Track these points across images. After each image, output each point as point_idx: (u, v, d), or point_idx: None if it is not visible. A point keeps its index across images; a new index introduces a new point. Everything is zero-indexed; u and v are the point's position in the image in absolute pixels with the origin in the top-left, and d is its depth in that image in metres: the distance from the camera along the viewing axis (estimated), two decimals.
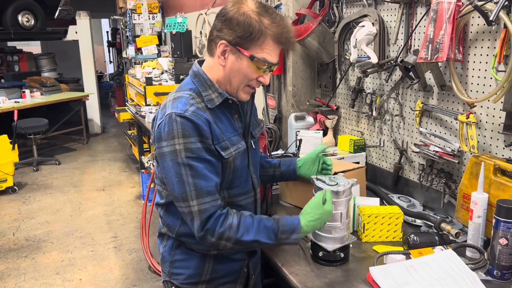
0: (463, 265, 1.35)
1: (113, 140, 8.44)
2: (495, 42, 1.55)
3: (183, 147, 1.26)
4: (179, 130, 1.26)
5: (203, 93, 1.35)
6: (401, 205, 1.82)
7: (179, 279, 1.49)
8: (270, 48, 1.30)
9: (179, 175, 1.27)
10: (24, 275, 3.58)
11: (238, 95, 1.37)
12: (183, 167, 1.26)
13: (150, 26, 6.43)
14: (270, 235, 1.31)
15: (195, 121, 1.26)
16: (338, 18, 2.35)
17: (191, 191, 1.27)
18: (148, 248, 3.63)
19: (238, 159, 1.38)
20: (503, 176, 1.47)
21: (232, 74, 1.33)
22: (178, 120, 1.26)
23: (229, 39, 1.29)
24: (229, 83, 1.35)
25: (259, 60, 1.29)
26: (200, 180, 1.27)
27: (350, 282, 1.37)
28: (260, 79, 1.35)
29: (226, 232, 1.28)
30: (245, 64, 1.30)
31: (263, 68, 1.32)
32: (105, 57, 13.87)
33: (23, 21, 7.95)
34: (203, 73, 1.37)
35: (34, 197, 5.39)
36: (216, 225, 1.28)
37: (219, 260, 1.46)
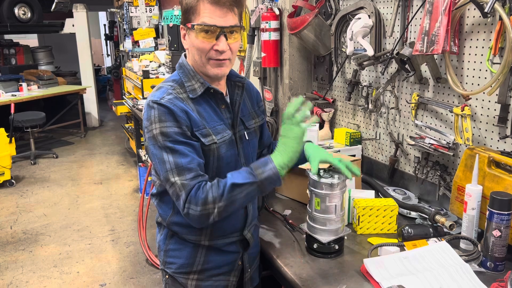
0: (457, 256, 1.36)
1: (111, 134, 8.44)
2: (490, 34, 1.55)
3: (159, 131, 1.28)
4: (156, 116, 1.29)
5: (186, 83, 1.37)
6: (396, 198, 1.82)
7: (172, 268, 1.50)
8: (208, 11, 1.27)
9: (160, 157, 1.29)
10: (21, 268, 3.59)
11: (207, 71, 1.36)
12: (163, 149, 1.28)
13: (147, 19, 6.40)
14: (246, 175, 1.27)
15: (170, 107, 1.29)
16: (335, 10, 2.34)
17: (172, 169, 1.27)
18: (145, 241, 3.64)
19: (223, 148, 1.38)
20: (497, 169, 1.47)
21: (192, 52, 1.36)
22: (155, 106, 1.29)
23: (181, 21, 1.36)
24: (196, 63, 1.37)
25: (198, 25, 1.29)
26: (180, 158, 1.27)
27: (345, 273, 1.37)
28: (215, 47, 1.31)
29: (208, 195, 1.24)
30: (193, 36, 1.32)
31: (211, 34, 1.29)
32: (103, 50, 13.81)
33: (20, 14, 7.90)
34: (187, 64, 1.40)
35: (32, 191, 5.39)
36: (197, 193, 1.25)
37: (211, 251, 1.47)
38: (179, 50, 5.00)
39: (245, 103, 1.52)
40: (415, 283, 1.24)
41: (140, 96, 4.96)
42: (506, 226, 1.31)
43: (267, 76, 2.85)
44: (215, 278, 1.49)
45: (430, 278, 1.26)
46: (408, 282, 1.24)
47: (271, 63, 2.66)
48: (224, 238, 1.46)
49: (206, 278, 1.49)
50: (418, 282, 1.25)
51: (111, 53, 12.40)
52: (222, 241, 1.46)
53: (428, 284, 1.24)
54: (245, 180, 1.26)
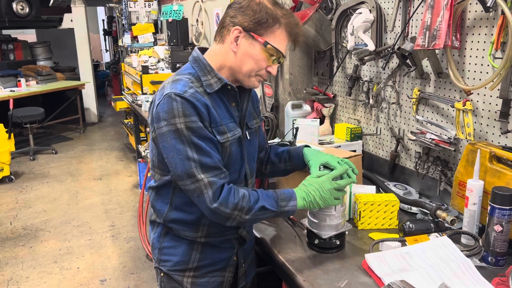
0: (458, 252, 1.36)
1: (110, 129, 8.43)
2: (492, 29, 1.54)
3: (184, 126, 1.25)
4: (180, 109, 1.25)
5: (202, 77, 1.35)
6: (397, 193, 1.82)
7: (167, 266, 1.49)
8: (281, 37, 1.32)
9: (183, 152, 1.26)
10: (21, 264, 3.59)
11: (249, 82, 1.37)
12: (187, 145, 1.26)
13: (146, 14, 6.37)
14: (272, 202, 1.33)
15: (194, 102, 1.26)
16: (335, 5, 2.33)
17: (197, 166, 1.26)
18: (145, 237, 3.64)
19: (234, 145, 1.38)
20: (499, 164, 1.47)
21: (243, 60, 1.33)
22: (178, 99, 1.26)
23: (244, 25, 1.30)
24: (239, 70, 1.35)
25: (272, 47, 1.30)
26: (204, 157, 1.27)
27: (346, 269, 1.37)
28: (268, 69, 1.35)
29: (239, 203, 1.29)
30: (257, 50, 1.31)
31: (274, 57, 1.33)
32: (101, 46, 13.78)
33: (18, 9, 7.86)
34: (203, 58, 1.37)
35: (31, 186, 5.38)
36: (229, 196, 1.29)
37: (207, 248, 1.46)
38: (178, 45, 4.99)
39: (249, 103, 1.52)
40: (417, 278, 1.24)
41: (139, 91, 4.94)
42: (508, 221, 1.31)
43: None
44: (211, 274, 1.49)
45: (432, 273, 1.26)
46: (410, 277, 1.24)
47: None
48: (220, 236, 1.46)
49: (202, 275, 1.48)
50: (420, 278, 1.25)
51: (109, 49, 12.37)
52: (218, 239, 1.46)
53: (430, 279, 1.24)
54: (271, 207, 1.33)
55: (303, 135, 2.20)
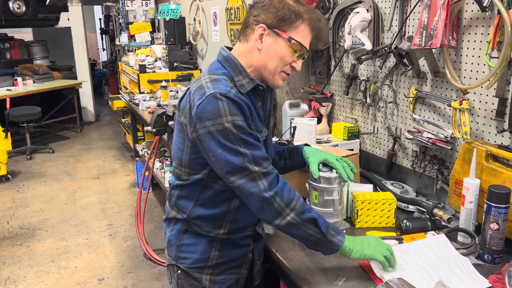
0: (454, 250, 1.37)
1: (107, 128, 8.41)
2: (488, 28, 1.55)
3: (231, 125, 1.25)
4: (226, 109, 1.25)
5: (235, 78, 1.35)
6: (394, 192, 1.83)
7: (186, 263, 1.49)
8: (305, 33, 1.33)
9: (234, 149, 1.26)
10: (19, 263, 3.59)
11: (274, 80, 1.37)
12: (236, 142, 1.26)
13: (143, 13, 6.36)
14: (323, 224, 1.30)
15: (238, 101, 1.27)
16: (333, 4, 2.34)
17: (250, 160, 1.26)
18: (143, 236, 3.64)
19: (264, 143, 1.40)
20: (495, 162, 1.48)
21: (268, 57, 1.34)
22: (223, 99, 1.25)
23: (267, 22, 1.32)
24: (265, 68, 1.35)
25: (296, 42, 1.31)
26: (255, 150, 1.27)
27: (343, 267, 1.38)
28: (293, 65, 1.35)
29: (293, 201, 1.28)
30: (282, 46, 1.32)
31: (298, 53, 1.34)
32: (98, 45, 13.73)
33: (14, 8, 7.83)
34: (234, 58, 1.37)
35: (28, 186, 5.37)
36: (284, 189, 1.28)
37: (225, 245, 1.47)
38: (176, 44, 4.98)
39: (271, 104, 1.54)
40: (415, 276, 1.25)
41: (137, 90, 4.94)
42: (504, 219, 1.32)
43: None
44: (228, 271, 1.50)
45: (430, 271, 1.27)
46: (408, 275, 1.25)
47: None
48: (240, 232, 1.48)
49: (220, 272, 1.49)
50: (419, 275, 1.26)
51: (106, 47, 12.35)
52: (238, 235, 1.48)
53: (429, 277, 1.25)
54: (320, 226, 1.29)
55: (301, 134, 2.21)
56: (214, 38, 4.50)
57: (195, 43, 4.98)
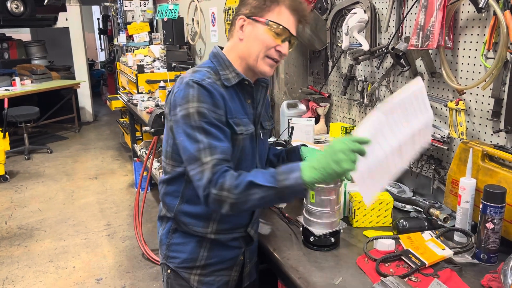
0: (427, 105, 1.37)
1: (105, 129, 8.41)
2: (484, 29, 1.57)
3: (195, 110, 1.26)
4: (195, 95, 1.27)
5: (220, 72, 1.38)
6: (391, 191, 1.84)
7: (175, 263, 1.51)
8: (285, 15, 1.34)
9: (192, 136, 1.25)
10: (17, 263, 3.59)
11: (259, 66, 1.37)
12: (196, 129, 1.25)
13: (142, 13, 6.36)
14: (267, 177, 1.20)
15: (211, 90, 1.29)
16: (330, 5, 2.35)
17: (205, 148, 1.23)
18: (141, 236, 3.65)
19: (247, 140, 1.40)
20: (491, 162, 1.49)
21: (250, 44, 1.36)
22: (195, 86, 1.28)
23: (245, 13, 1.36)
24: (249, 55, 1.37)
25: (274, 23, 1.32)
26: (213, 140, 1.25)
27: (341, 266, 1.39)
28: (278, 48, 1.35)
29: (225, 183, 1.20)
30: (261, 30, 1.34)
31: (281, 36, 1.34)
32: (96, 45, 13.72)
33: (12, 8, 7.82)
34: (222, 54, 1.41)
35: (26, 186, 5.37)
36: (219, 177, 1.21)
37: (215, 246, 1.48)
38: (174, 45, 4.99)
39: (263, 105, 1.54)
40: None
41: (135, 90, 4.94)
42: (499, 218, 1.33)
43: None
44: (218, 273, 1.50)
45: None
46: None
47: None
48: (229, 233, 1.48)
49: (209, 273, 1.50)
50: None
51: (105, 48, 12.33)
52: (227, 236, 1.47)
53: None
54: (264, 182, 1.19)
55: (299, 134, 2.22)
56: (212, 38, 4.51)
57: (194, 43, 4.98)
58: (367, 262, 1.39)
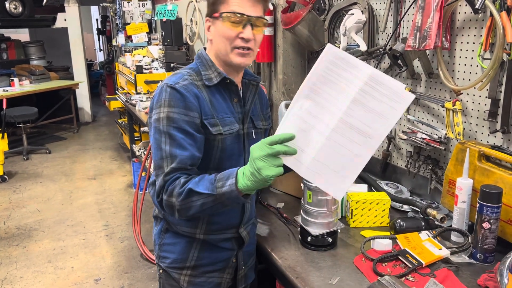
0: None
1: (104, 129, 8.40)
2: (481, 30, 1.57)
3: (165, 115, 1.29)
4: (166, 99, 1.30)
5: (202, 72, 1.40)
6: (388, 192, 1.85)
7: (165, 263, 1.51)
8: (237, 2, 1.31)
9: (158, 142, 1.30)
10: (15, 264, 3.58)
11: (231, 59, 1.37)
12: (163, 134, 1.29)
13: (140, 14, 6.36)
14: (207, 184, 1.21)
15: (183, 92, 1.30)
16: (328, 6, 2.36)
17: (167, 157, 1.28)
18: (139, 236, 3.65)
19: (228, 140, 1.39)
20: (488, 162, 1.50)
21: (216, 41, 1.38)
22: (168, 90, 1.31)
23: (207, 13, 1.39)
24: (220, 52, 1.38)
25: (227, 13, 1.32)
26: (176, 148, 1.28)
27: (338, 266, 1.40)
28: (241, 35, 1.33)
29: (175, 189, 1.24)
30: (220, 25, 1.34)
31: (239, 23, 1.32)
32: (95, 45, 13.72)
33: (11, 8, 7.81)
34: (206, 54, 1.44)
35: (25, 186, 5.37)
36: (170, 184, 1.26)
37: (205, 247, 1.47)
38: (173, 45, 4.99)
39: (256, 104, 1.54)
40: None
41: (134, 91, 4.94)
42: (496, 218, 1.34)
43: (261, 71, 2.86)
44: (209, 274, 1.50)
45: None
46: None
47: (265, 58, 2.67)
48: (219, 234, 1.47)
49: (200, 274, 1.49)
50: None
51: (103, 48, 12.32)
52: (217, 237, 1.47)
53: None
54: (203, 189, 1.21)
55: None
56: None
57: (192, 44, 4.98)
58: (364, 262, 1.39)
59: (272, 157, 1.12)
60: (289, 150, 1.13)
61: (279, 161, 1.13)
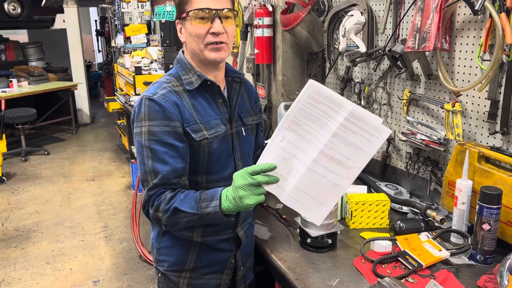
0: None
1: (103, 130, 8.40)
2: (480, 31, 1.57)
3: (147, 129, 1.30)
4: (146, 113, 1.31)
5: (182, 76, 1.39)
6: (388, 193, 1.85)
7: (164, 266, 1.50)
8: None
9: (141, 156, 1.32)
10: (14, 265, 3.58)
11: (206, 57, 1.36)
12: (145, 149, 1.31)
13: (139, 15, 6.36)
14: (192, 203, 1.26)
15: (161, 103, 1.30)
16: (327, 7, 2.36)
17: (150, 172, 1.30)
18: (138, 237, 3.64)
19: (215, 143, 1.38)
20: (487, 164, 1.50)
21: (189, 42, 1.38)
22: (147, 103, 1.31)
23: (177, 16, 1.39)
24: (194, 52, 1.38)
25: (193, 11, 1.31)
26: (158, 163, 1.30)
27: (338, 267, 1.39)
28: (211, 31, 1.33)
29: (161, 204, 1.28)
30: (188, 25, 1.34)
31: (206, 19, 1.31)
32: (94, 46, 13.71)
33: (10, 9, 7.81)
34: (184, 58, 1.43)
35: (23, 188, 5.35)
36: (155, 199, 1.30)
37: (204, 249, 1.47)
38: (172, 46, 4.99)
39: (243, 100, 1.53)
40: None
41: (133, 92, 4.94)
42: (495, 219, 1.34)
43: (260, 72, 2.86)
44: (208, 276, 1.49)
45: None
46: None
47: (264, 59, 2.67)
48: (217, 235, 1.46)
49: (199, 277, 1.49)
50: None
51: (102, 49, 12.32)
52: (215, 238, 1.46)
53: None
54: (188, 209, 1.25)
55: None
56: None
57: None
58: (364, 263, 1.39)
59: (253, 186, 1.18)
60: (270, 180, 1.19)
61: (260, 190, 1.18)
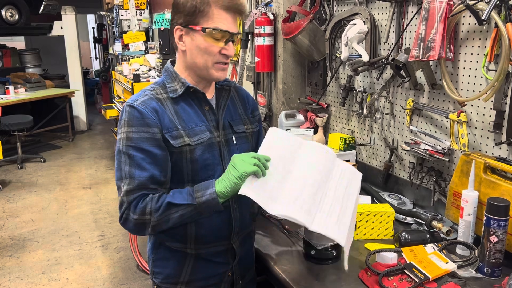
0: None
1: (100, 138, 8.36)
2: (485, 41, 1.57)
3: (125, 136, 1.30)
4: (126, 119, 1.31)
5: (168, 85, 1.38)
6: (391, 203, 1.83)
7: (159, 278, 1.48)
8: (220, 16, 1.29)
9: (118, 162, 1.30)
10: (9, 275, 3.52)
11: (211, 74, 1.35)
12: (122, 155, 1.30)
13: (138, 22, 6.36)
14: (185, 196, 1.26)
15: (140, 109, 1.29)
16: (329, 16, 2.35)
17: (126, 178, 1.28)
18: (136, 247, 3.60)
19: (199, 150, 1.34)
20: (493, 174, 1.48)
21: (194, 55, 1.34)
22: (127, 109, 1.31)
23: (180, 22, 1.32)
24: (196, 66, 1.35)
25: (211, 30, 1.29)
26: (134, 169, 1.28)
27: (343, 279, 1.37)
28: (223, 52, 1.32)
29: (147, 206, 1.26)
30: (200, 40, 1.30)
31: (221, 39, 1.30)
32: (91, 53, 13.70)
33: (7, 16, 7.79)
34: (170, 66, 1.42)
35: (19, 195, 5.30)
36: (137, 203, 1.27)
37: (199, 262, 1.43)
38: (170, 54, 4.98)
39: (236, 108, 1.50)
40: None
41: None
42: (503, 232, 1.32)
43: (261, 81, 2.85)
44: None
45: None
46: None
47: (265, 68, 2.66)
48: (210, 247, 1.42)
49: None
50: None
51: (99, 56, 12.32)
52: (209, 250, 1.42)
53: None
54: (182, 201, 1.25)
55: None
56: None
57: None
58: (370, 275, 1.36)
59: (250, 158, 1.23)
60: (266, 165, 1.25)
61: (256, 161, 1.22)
